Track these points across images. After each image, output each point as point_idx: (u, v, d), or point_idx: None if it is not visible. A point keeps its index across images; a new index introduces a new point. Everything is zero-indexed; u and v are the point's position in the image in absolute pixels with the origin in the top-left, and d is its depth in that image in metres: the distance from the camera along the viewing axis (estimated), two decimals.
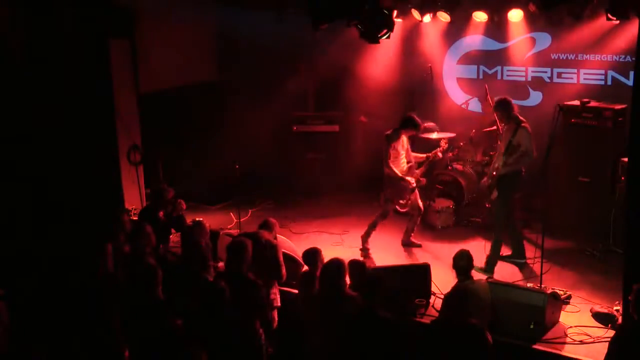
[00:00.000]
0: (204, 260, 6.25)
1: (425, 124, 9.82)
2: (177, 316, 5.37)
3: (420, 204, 8.37)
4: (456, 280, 5.99)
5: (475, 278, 6.11)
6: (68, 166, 8.04)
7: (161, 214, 7.62)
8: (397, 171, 8.02)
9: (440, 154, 8.34)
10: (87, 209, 8.00)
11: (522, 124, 7.49)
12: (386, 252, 8.28)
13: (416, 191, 8.22)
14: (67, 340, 5.72)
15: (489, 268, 7.51)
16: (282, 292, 6.65)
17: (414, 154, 8.31)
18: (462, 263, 5.95)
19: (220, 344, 5.21)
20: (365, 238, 8.29)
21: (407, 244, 8.48)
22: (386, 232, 8.67)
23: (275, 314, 6.46)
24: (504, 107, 7.62)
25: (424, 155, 8.33)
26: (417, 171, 8.25)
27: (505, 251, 7.88)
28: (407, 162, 8.18)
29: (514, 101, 7.69)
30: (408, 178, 8.07)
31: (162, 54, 9.53)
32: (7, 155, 7.73)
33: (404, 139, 8.14)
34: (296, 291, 6.54)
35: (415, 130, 8.15)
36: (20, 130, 7.79)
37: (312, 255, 6.12)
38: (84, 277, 6.05)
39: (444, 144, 8.36)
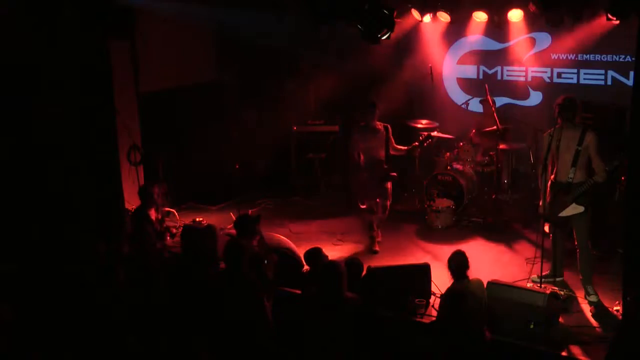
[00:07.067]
0: (203, 261, 6.26)
1: (425, 124, 9.88)
2: (177, 316, 5.39)
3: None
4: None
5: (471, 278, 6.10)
6: (68, 166, 8.05)
7: (152, 212, 7.60)
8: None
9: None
10: (87, 209, 8.00)
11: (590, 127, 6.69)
12: (386, 252, 8.28)
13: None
14: (65, 341, 5.72)
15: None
16: (282, 292, 6.64)
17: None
18: (456, 264, 5.93)
19: (222, 343, 5.22)
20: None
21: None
22: (386, 232, 8.67)
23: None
24: (571, 107, 6.65)
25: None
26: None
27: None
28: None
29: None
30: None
31: (162, 54, 9.52)
32: (7, 155, 7.73)
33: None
34: (298, 291, 6.54)
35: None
36: (20, 130, 7.80)
37: (314, 255, 6.13)
38: (80, 278, 6.05)
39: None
